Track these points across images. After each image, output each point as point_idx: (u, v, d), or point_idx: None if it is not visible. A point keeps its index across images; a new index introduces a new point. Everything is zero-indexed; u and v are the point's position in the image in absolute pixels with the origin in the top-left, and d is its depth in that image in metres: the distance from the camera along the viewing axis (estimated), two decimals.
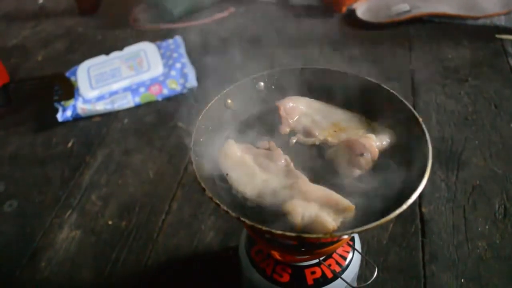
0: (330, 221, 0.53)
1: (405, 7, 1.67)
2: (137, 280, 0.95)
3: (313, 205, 0.55)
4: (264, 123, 0.71)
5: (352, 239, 0.73)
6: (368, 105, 0.70)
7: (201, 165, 0.61)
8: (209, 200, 0.54)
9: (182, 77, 1.43)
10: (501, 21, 1.63)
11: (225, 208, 0.52)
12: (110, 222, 1.07)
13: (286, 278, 0.68)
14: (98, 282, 0.95)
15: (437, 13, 1.65)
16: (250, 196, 0.59)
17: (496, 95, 1.32)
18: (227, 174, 0.62)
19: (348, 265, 0.70)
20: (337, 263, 0.70)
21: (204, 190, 0.55)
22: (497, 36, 1.57)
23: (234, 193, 0.61)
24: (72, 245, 1.03)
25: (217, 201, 0.53)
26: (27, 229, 1.07)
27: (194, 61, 1.52)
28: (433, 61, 1.49)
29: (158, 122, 1.36)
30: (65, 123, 1.37)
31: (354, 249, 0.72)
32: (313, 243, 0.62)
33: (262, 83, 0.74)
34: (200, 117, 0.65)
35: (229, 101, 0.71)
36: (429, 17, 1.67)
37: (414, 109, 0.64)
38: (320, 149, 0.67)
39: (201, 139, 0.64)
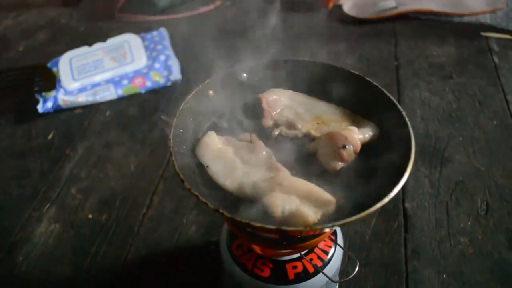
0: (311, 214, 0.53)
1: (391, 3, 1.67)
2: (116, 275, 0.93)
3: (294, 198, 0.54)
4: (246, 115, 0.70)
5: (335, 233, 0.72)
6: (351, 98, 0.69)
7: (180, 156, 0.59)
8: (190, 194, 0.52)
9: (166, 69, 1.41)
10: (486, 19, 1.64)
11: (203, 199, 0.51)
12: (90, 216, 1.05)
13: (267, 272, 0.67)
14: (77, 277, 0.93)
15: (423, 10, 1.65)
16: (230, 188, 0.58)
17: (480, 92, 1.33)
18: (207, 166, 0.61)
19: (330, 260, 0.70)
20: (319, 257, 0.69)
21: (182, 181, 0.53)
22: (482, 34, 1.57)
23: (214, 185, 0.59)
24: (51, 239, 1.00)
25: (196, 193, 0.52)
26: (4, 222, 1.04)
27: (178, 54, 1.50)
28: (418, 57, 1.49)
29: (140, 115, 1.34)
30: (45, 114, 1.34)
31: (336, 243, 0.71)
32: (293, 236, 0.61)
33: (244, 75, 0.72)
34: (181, 108, 0.64)
35: (210, 92, 0.69)
36: (415, 14, 1.68)
37: (399, 105, 0.64)
38: (302, 142, 0.66)
39: (181, 131, 0.63)
